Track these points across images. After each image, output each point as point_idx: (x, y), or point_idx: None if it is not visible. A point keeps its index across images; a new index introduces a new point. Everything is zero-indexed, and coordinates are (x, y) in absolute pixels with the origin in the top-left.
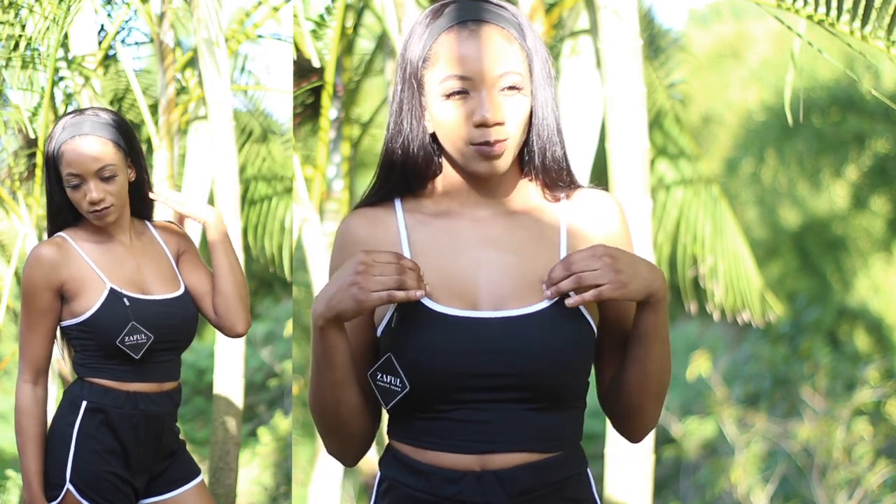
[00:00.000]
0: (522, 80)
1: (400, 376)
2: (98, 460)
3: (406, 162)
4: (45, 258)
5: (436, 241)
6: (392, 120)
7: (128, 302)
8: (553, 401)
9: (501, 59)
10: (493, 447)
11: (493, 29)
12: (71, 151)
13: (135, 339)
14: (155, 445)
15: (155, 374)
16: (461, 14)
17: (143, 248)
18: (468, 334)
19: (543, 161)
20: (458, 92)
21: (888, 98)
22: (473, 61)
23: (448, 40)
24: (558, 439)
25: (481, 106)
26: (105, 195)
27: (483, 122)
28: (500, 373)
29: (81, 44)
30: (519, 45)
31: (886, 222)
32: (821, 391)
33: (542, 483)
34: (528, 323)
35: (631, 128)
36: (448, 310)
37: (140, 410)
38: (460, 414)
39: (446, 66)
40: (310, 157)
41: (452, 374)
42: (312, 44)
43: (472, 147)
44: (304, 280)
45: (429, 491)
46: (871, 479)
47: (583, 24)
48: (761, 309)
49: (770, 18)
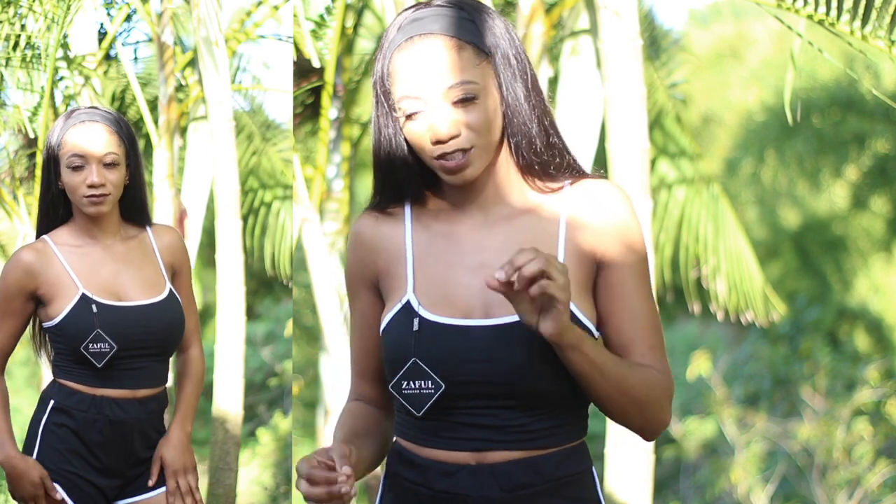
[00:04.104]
0: (476, 87)
1: (431, 377)
2: (58, 458)
3: (395, 171)
4: (23, 263)
5: (434, 247)
6: (374, 133)
7: (95, 309)
8: (549, 405)
9: (449, 72)
10: (488, 445)
11: (438, 41)
12: (78, 134)
13: (98, 347)
14: (123, 451)
15: (125, 380)
16: (409, 28)
17: (128, 252)
18: (459, 343)
19: (522, 156)
20: (414, 112)
21: (888, 98)
22: (419, 79)
23: (399, 59)
24: (555, 437)
25: (433, 123)
26: (105, 181)
27: (437, 139)
28: (491, 381)
29: (81, 44)
30: (472, 48)
31: (886, 222)
32: (821, 391)
33: (539, 479)
34: (521, 330)
35: (631, 128)
36: (439, 318)
37: (104, 415)
38: (455, 417)
39: (400, 85)
40: (310, 157)
41: (446, 383)
42: (312, 44)
43: (436, 161)
44: (304, 280)
45: (425, 484)
46: (871, 479)
47: (583, 24)
48: (765, 308)
49: (770, 18)
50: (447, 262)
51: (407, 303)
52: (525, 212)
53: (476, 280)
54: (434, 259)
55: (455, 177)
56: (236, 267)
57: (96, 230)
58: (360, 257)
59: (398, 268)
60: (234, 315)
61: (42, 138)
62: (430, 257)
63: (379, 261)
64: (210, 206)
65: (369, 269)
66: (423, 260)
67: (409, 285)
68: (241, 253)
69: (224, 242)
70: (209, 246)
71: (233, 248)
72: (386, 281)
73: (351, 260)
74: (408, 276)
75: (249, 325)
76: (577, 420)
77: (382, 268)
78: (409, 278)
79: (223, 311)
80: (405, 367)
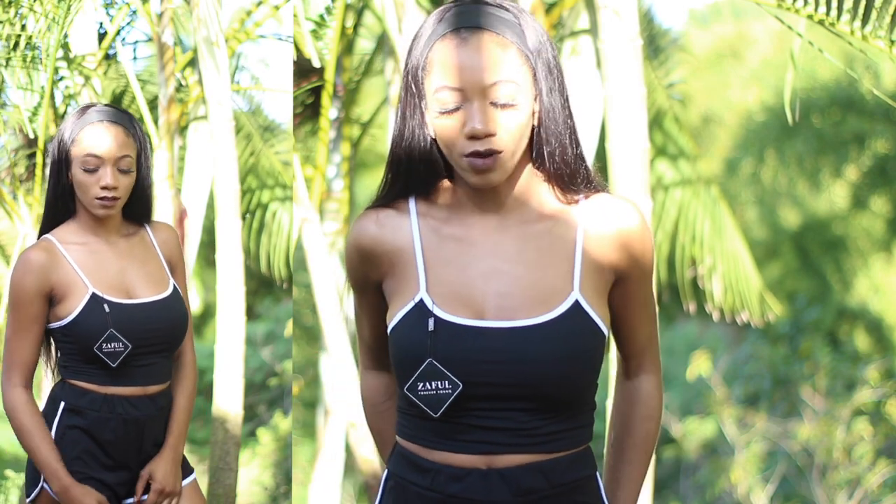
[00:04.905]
0: (518, 88)
1: (448, 377)
2: (73, 461)
3: (411, 165)
4: (35, 263)
5: (447, 249)
6: (397, 123)
7: (108, 308)
8: (560, 408)
9: (494, 69)
10: (499, 449)
11: (487, 36)
12: (94, 135)
13: (112, 347)
14: (135, 449)
15: (137, 378)
16: (457, 20)
17: (131, 249)
18: (473, 343)
19: (554, 164)
20: (452, 105)
21: (888, 98)
22: (465, 71)
23: (442, 48)
24: (565, 440)
25: (472, 117)
26: (118, 184)
27: (473, 134)
28: (504, 382)
29: (81, 44)
30: (517, 49)
31: (886, 222)
32: (821, 391)
33: (549, 484)
34: (535, 334)
35: (631, 128)
36: (454, 318)
37: (117, 414)
38: (468, 419)
39: (440, 75)
40: (310, 157)
41: (462, 383)
42: (312, 44)
43: (465, 159)
44: (304, 280)
45: (434, 489)
46: (871, 479)
47: (583, 24)
48: (760, 309)
49: (770, 18)
50: (459, 265)
51: (420, 301)
52: (542, 219)
53: (490, 284)
54: (445, 260)
55: (481, 178)
56: (236, 267)
57: (100, 227)
58: (363, 259)
59: (406, 268)
60: (234, 315)
61: (42, 138)
62: (440, 259)
63: (382, 265)
64: (210, 206)
65: (374, 271)
66: (433, 260)
67: (421, 284)
68: (240, 253)
69: (224, 242)
70: (209, 246)
71: (233, 248)
72: (391, 281)
73: (353, 261)
74: (419, 274)
75: (249, 325)
76: (585, 424)
77: (387, 270)
78: (422, 277)
79: (223, 311)
80: (421, 369)
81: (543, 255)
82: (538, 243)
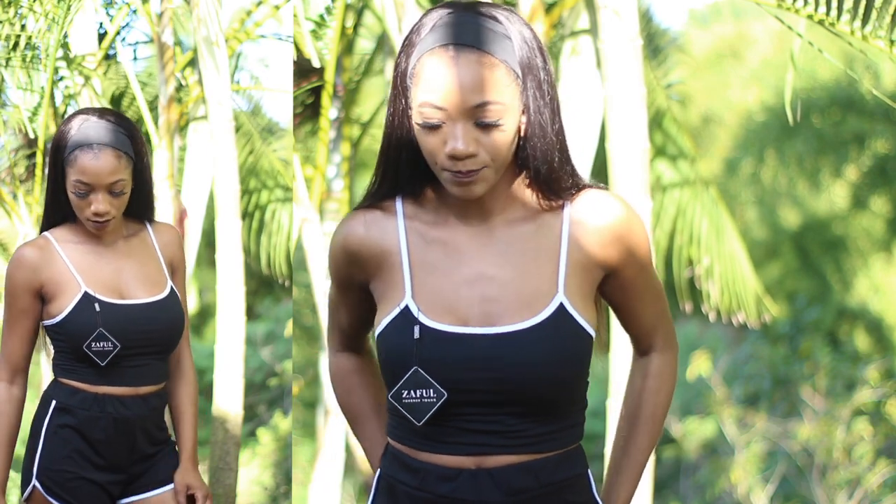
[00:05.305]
0: (504, 108)
1: (433, 385)
2: (64, 459)
3: (399, 166)
4: (27, 260)
5: (432, 253)
6: (386, 123)
7: (98, 307)
8: (549, 410)
9: (480, 91)
10: (488, 450)
11: (473, 56)
12: (86, 161)
13: (101, 346)
14: (126, 448)
15: (128, 378)
16: (445, 34)
17: (130, 249)
18: (458, 351)
19: (539, 174)
20: (434, 121)
21: (888, 98)
22: (449, 92)
23: (430, 63)
24: (555, 440)
25: (454, 137)
26: (110, 208)
27: (454, 155)
28: (490, 389)
29: (81, 44)
30: (506, 68)
31: (886, 222)
32: (821, 391)
33: (539, 483)
34: (519, 339)
35: (631, 128)
36: (439, 325)
37: (107, 413)
38: (455, 422)
39: (425, 90)
40: (310, 157)
41: (448, 391)
42: (312, 44)
43: (446, 172)
44: (304, 280)
45: (425, 489)
46: (871, 479)
47: (583, 24)
48: (757, 310)
49: (770, 18)
50: (444, 270)
51: (405, 308)
52: (526, 223)
53: (474, 290)
54: (431, 266)
55: (462, 190)
56: (236, 267)
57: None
58: (349, 261)
59: (392, 272)
60: (234, 315)
61: (42, 138)
62: (426, 264)
63: (369, 267)
64: (210, 206)
65: (360, 273)
66: (419, 266)
67: (406, 291)
68: (240, 253)
69: (224, 242)
70: (209, 246)
71: (233, 249)
72: (378, 283)
73: (339, 261)
74: (405, 280)
75: (249, 325)
76: (575, 424)
77: (373, 272)
78: (407, 283)
79: (223, 311)
80: (406, 376)
81: (528, 259)
82: (523, 247)
